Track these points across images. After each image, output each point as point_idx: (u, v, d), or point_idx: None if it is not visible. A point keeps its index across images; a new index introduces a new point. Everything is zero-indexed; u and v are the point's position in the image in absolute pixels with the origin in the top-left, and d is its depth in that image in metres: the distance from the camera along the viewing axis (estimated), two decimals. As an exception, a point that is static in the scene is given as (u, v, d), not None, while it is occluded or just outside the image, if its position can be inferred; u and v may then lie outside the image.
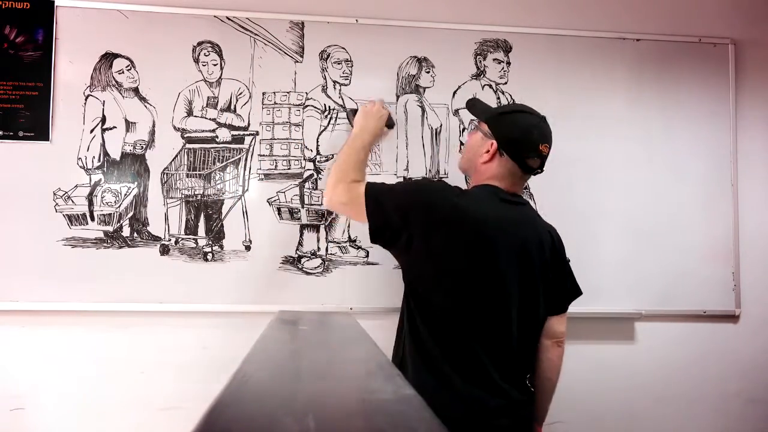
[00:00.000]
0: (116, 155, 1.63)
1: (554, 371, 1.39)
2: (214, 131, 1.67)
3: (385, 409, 0.56)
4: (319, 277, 1.67)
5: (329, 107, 1.71)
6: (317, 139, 1.71)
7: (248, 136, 1.68)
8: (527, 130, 1.30)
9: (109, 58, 1.64)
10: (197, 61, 1.67)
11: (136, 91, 1.65)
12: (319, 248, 1.68)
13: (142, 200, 1.63)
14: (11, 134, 1.59)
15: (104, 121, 1.63)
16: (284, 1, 1.72)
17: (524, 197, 1.71)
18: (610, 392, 1.79)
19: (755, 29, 1.92)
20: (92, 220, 1.61)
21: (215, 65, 1.68)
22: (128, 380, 1.60)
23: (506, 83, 1.79)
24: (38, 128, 1.59)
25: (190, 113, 1.66)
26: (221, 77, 1.68)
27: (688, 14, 1.89)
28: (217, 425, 0.45)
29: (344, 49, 1.72)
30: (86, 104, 1.62)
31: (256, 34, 1.69)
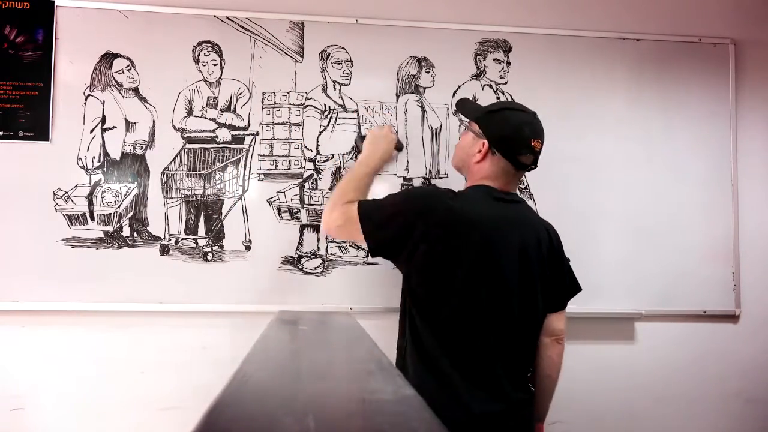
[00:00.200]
0: (116, 155, 1.63)
1: (554, 369, 1.39)
2: (214, 131, 1.67)
3: (385, 409, 0.56)
4: (319, 277, 1.67)
5: (329, 107, 1.71)
6: (317, 139, 1.71)
7: (248, 136, 1.68)
8: (518, 127, 1.29)
9: (109, 58, 1.64)
10: (197, 61, 1.67)
11: (136, 91, 1.65)
12: (319, 248, 1.68)
13: (142, 200, 1.63)
14: (11, 134, 1.59)
15: (104, 121, 1.63)
16: (284, 1, 1.72)
17: (524, 197, 1.73)
18: (610, 392, 1.79)
19: (755, 29, 1.92)
20: (92, 220, 1.61)
21: (215, 65, 1.68)
22: (128, 380, 1.60)
23: (506, 83, 1.79)
24: (38, 128, 1.59)
25: (190, 113, 1.66)
26: (221, 77, 1.68)
27: (688, 14, 1.89)
28: (217, 425, 0.45)
29: (344, 49, 1.72)
30: (86, 104, 1.62)
31: (256, 34, 1.69)
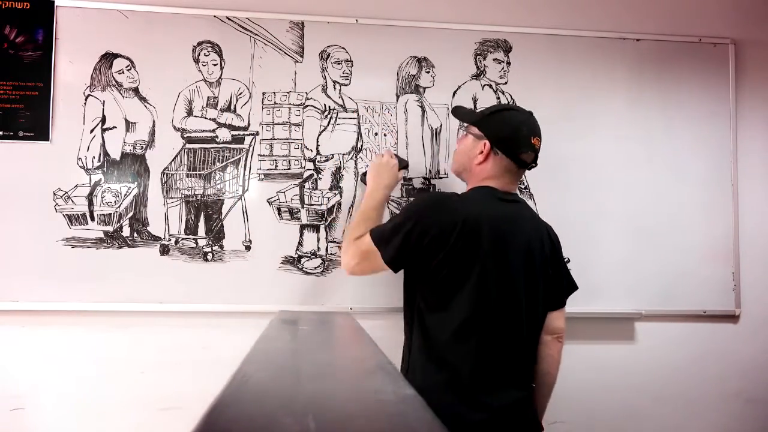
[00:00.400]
0: (116, 155, 1.63)
1: (554, 366, 1.41)
2: (214, 131, 1.67)
3: (385, 409, 0.56)
4: (319, 277, 1.67)
5: (329, 107, 1.71)
6: (317, 139, 1.71)
7: (248, 136, 1.68)
8: (517, 126, 1.32)
9: (109, 58, 1.64)
10: (197, 61, 1.67)
11: (136, 91, 1.64)
12: (319, 248, 1.68)
13: (142, 200, 1.63)
14: (11, 134, 1.59)
15: (104, 121, 1.63)
16: (284, 1, 1.72)
17: (524, 197, 1.73)
18: (610, 392, 1.79)
19: (755, 29, 1.92)
20: (92, 220, 1.61)
21: (215, 65, 1.68)
22: (128, 380, 1.60)
23: (506, 83, 1.79)
24: (38, 128, 1.59)
25: (190, 113, 1.66)
26: (221, 77, 1.68)
27: (688, 14, 1.89)
28: (217, 425, 0.45)
29: (344, 49, 1.72)
30: (86, 104, 1.62)
31: (256, 34, 1.69)
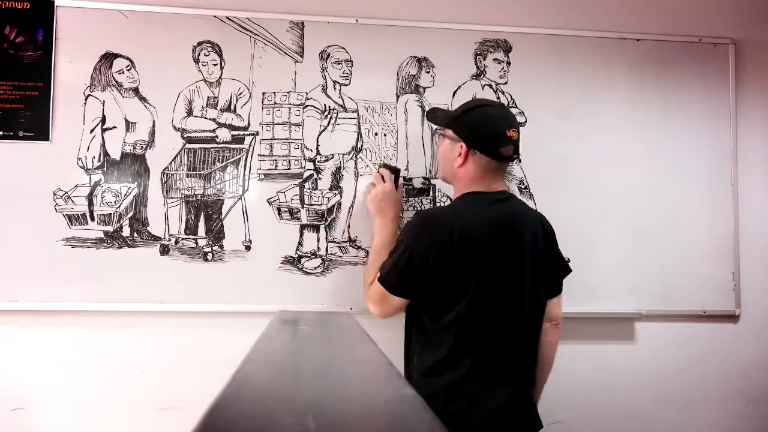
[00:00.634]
0: (116, 155, 1.63)
1: (553, 351, 1.44)
2: (214, 131, 1.67)
3: (385, 409, 0.56)
4: (319, 277, 1.67)
5: (329, 107, 1.71)
6: (317, 139, 1.71)
7: (248, 136, 1.68)
8: (488, 121, 1.31)
9: (109, 58, 1.64)
10: (197, 61, 1.67)
11: (136, 91, 1.64)
12: (319, 248, 1.68)
13: (142, 200, 1.63)
14: (11, 134, 1.59)
15: (104, 121, 1.63)
16: (284, 1, 1.72)
17: (524, 197, 1.73)
18: (610, 392, 1.79)
19: (755, 29, 1.92)
20: (92, 220, 1.61)
21: (215, 65, 1.68)
22: (128, 380, 1.60)
23: (506, 83, 1.78)
24: (38, 128, 1.59)
25: (190, 113, 1.66)
26: (221, 77, 1.68)
27: (688, 14, 1.89)
28: (217, 425, 0.45)
29: (344, 49, 1.72)
30: (86, 104, 1.62)
31: (256, 34, 1.69)
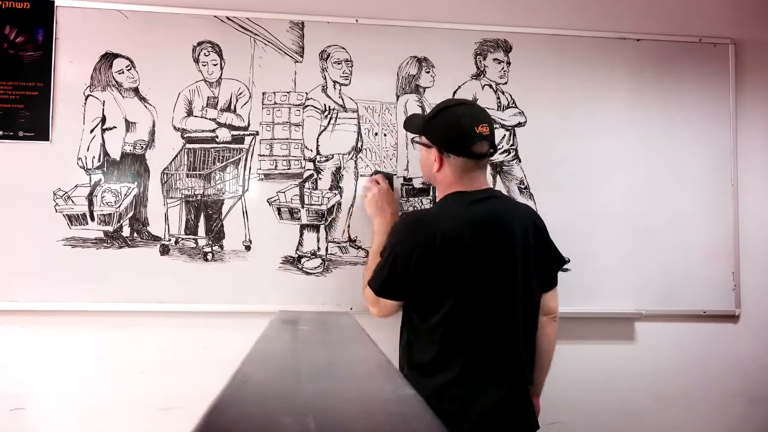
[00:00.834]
0: (116, 155, 1.63)
1: (551, 345, 1.43)
2: (214, 131, 1.67)
3: (385, 409, 0.56)
4: (319, 277, 1.67)
5: (329, 107, 1.71)
6: (317, 139, 1.71)
7: (248, 136, 1.68)
8: (455, 122, 1.31)
9: (109, 58, 1.64)
10: (197, 61, 1.67)
11: (136, 91, 1.64)
12: (319, 248, 1.68)
13: (142, 200, 1.63)
14: (11, 134, 1.59)
15: (104, 121, 1.63)
16: (284, 1, 1.72)
17: (524, 197, 1.73)
18: (610, 392, 1.79)
19: (755, 29, 1.92)
20: (92, 220, 1.61)
21: (215, 65, 1.68)
22: (128, 380, 1.60)
23: (506, 83, 1.78)
24: (38, 128, 1.59)
25: (190, 113, 1.66)
26: (221, 77, 1.68)
27: (688, 14, 1.89)
28: (217, 425, 0.45)
29: (344, 49, 1.72)
30: (86, 104, 1.62)
31: (256, 34, 1.69)
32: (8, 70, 1.59)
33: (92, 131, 1.62)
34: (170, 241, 1.63)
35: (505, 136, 1.76)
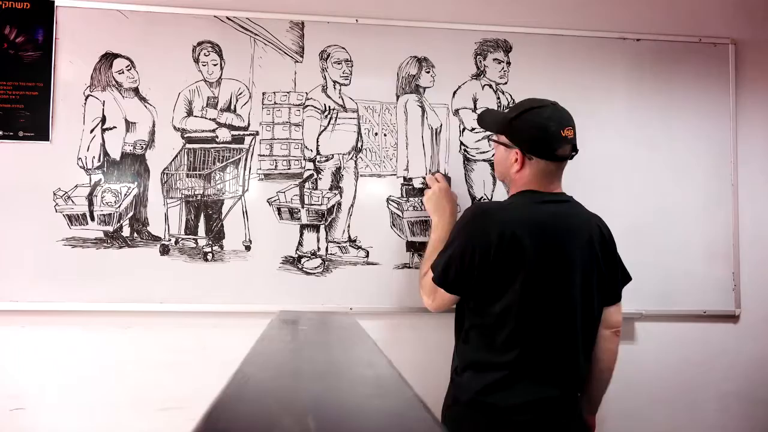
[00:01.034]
0: (116, 155, 1.63)
1: (612, 361, 1.41)
2: (214, 131, 1.67)
3: (385, 409, 0.56)
4: (319, 277, 1.67)
5: (329, 107, 1.71)
6: (317, 139, 1.71)
7: (248, 136, 1.68)
8: (543, 125, 1.28)
9: (109, 58, 1.64)
10: (197, 61, 1.67)
11: (136, 91, 1.64)
12: (319, 248, 1.68)
13: (142, 200, 1.63)
14: (11, 134, 1.59)
15: (104, 121, 1.63)
16: (284, 1, 1.72)
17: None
18: (609, 392, 1.79)
19: (755, 29, 1.92)
20: (92, 220, 1.61)
21: (215, 65, 1.68)
22: (128, 380, 1.60)
23: (506, 83, 1.79)
24: (38, 128, 1.59)
25: (190, 113, 1.66)
26: (221, 77, 1.68)
27: (688, 14, 1.89)
28: (217, 425, 0.45)
29: (344, 49, 1.72)
30: (86, 104, 1.62)
31: (256, 34, 1.69)
32: (8, 70, 1.59)
33: (92, 131, 1.62)
34: (170, 241, 1.63)
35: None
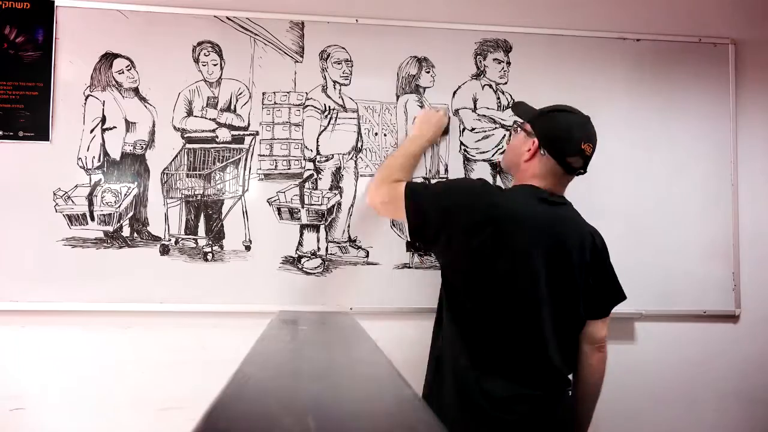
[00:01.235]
0: (116, 155, 1.63)
1: (596, 375, 1.39)
2: (214, 131, 1.67)
3: (385, 409, 0.56)
4: (319, 277, 1.67)
5: (329, 107, 1.71)
6: (317, 139, 1.71)
7: (248, 136, 1.68)
8: (568, 128, 1.31)
9: (109, 58, 1.64)
10: (197, 61, 1.67)
11: (136, 91, 1.64)
12: (319, 248, 1.68)
13: (142, 200, 1.63)
14: (11, 134, 1.59)
15: (104, 121, 1.63)
16: (284, 1, 1.72)
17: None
18: (609, 392, 1.79)
19: (755, 29, 1.92)
20: (92, 220, 1.61)
21: (215, 65, 1.68)
22: (128, 380, 1.60)
23: (506, 83, 1.78)
24: (38, 128, 1.59)
25: (190, 113, 1.66)
26: (221, 77, 1.68)
27: (688, 14, 1.89)
28: (217, 425, 0.45)
29: (344, 49, 1.72)
30: (86, 104, 1.62)
31: (256, 34, 1.69)
32: (8, 70, 1.59)
33: (92, 131, 1.62)
34: (170, 241, 1.63)
35: (505, 136, 1.76)
